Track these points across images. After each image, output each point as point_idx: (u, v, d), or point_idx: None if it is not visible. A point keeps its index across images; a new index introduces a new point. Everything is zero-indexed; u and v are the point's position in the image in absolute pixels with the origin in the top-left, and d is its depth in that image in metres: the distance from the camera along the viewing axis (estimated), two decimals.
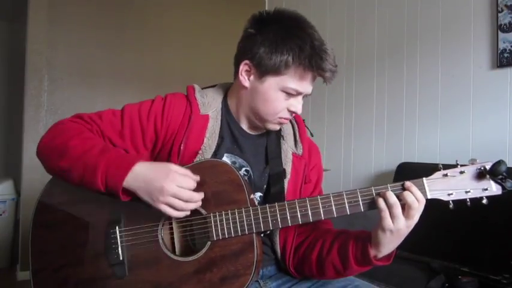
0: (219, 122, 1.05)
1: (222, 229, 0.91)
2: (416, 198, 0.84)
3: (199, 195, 0.90)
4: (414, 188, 0.85)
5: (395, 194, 0.85)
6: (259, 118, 1.03)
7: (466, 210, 0.84)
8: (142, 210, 0.93)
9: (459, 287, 1.50)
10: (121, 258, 0.93)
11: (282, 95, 0.98)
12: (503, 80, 1.93)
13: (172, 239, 0.97)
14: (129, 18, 3.37)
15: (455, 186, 0.85)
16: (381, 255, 0.90)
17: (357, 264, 0.92)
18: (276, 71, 0.96)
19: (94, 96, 3.20)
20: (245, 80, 1.01)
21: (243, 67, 1.01)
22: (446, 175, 0.86)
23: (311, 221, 0.90)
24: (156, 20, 3.48)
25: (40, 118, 3.02)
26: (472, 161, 0.86)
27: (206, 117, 1.03)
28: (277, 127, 1.06)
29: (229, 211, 0.91)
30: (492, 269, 1.52)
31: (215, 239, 0.91)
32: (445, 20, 2.18)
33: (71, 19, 3.14)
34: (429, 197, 0.86)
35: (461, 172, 0.85)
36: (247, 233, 0.91)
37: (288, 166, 1.07)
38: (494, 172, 0.82)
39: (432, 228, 1.87)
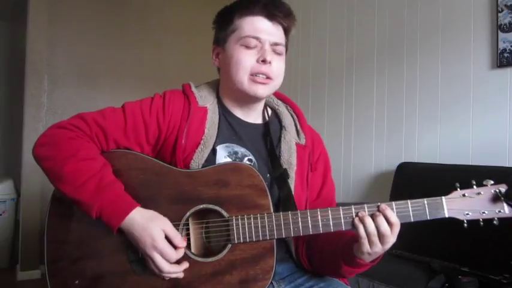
0: (217, 114, 1.07)
1: (244, 233, 0.91)
2: (390, 223, 0.86)
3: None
4: (388, 212, 0.87)
5: (370, 215, 0.87)
6: (237, 86, 1.03)
7: None
8: (163, 208, 0.92)
9: (459, 287, 1.50)
10: (140, 255, 0.92)
11: (243, 48, 1.03)
12: (503, 80, 1.93)
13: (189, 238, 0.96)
14: (129, 17, 3.37)
15: (472, 207, 0.89)
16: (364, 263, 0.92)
17: (346, 265, 0.94)
18: (228, 33, 1.05)
19: (94, 96, 3.20)
20: (217, 61, 1.11)
21: (212, 54, 1.12)
22: (464, 195, 0.90)
23: (332, 231, 0.90)
24: (156, 19, 3.48)
25: (40, 118, 3.02)
26: (487, 182, 0.90)
27: (204, 109, 1.06)
28: (259, 89, 1.03)
29: (251, 215, 0.91)
30: (492, 269, 1.52)
31: (236, 242, 0.91)
32: (445, 20, 2.18)
33: (71, 19, 3.14)
34: (447, 215, 0.89)
35: (478, 193, 0.89)
36: (268, 238, 0.91)
37: (292, 157, 1.08)
38: (509, 196, 0.87)
39: (432, 228, 1.87)
